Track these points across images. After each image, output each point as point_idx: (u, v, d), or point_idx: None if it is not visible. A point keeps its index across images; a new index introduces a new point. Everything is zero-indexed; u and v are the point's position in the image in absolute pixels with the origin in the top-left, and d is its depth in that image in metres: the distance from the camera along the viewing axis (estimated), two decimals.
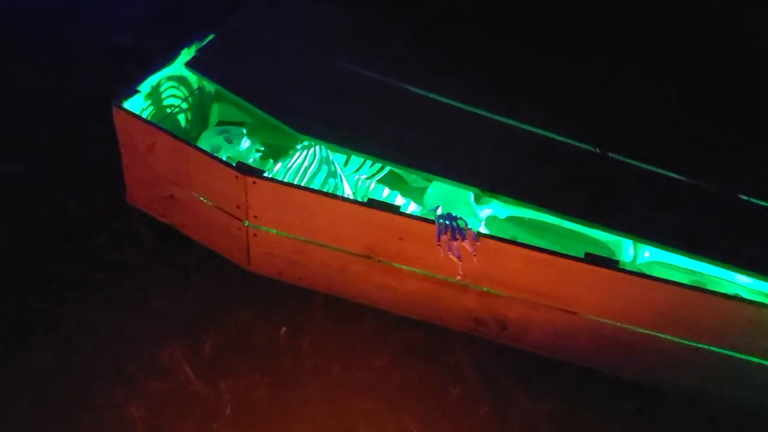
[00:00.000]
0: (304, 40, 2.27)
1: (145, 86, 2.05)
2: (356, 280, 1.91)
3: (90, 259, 2.04)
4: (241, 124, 2.43)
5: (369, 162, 2.15)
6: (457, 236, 1.66)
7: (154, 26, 3.13)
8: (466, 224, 1.68)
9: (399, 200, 2.08)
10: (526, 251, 1.67)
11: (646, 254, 2.03)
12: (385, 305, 1.93)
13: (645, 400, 1.80)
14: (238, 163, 1.82)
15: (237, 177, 1.78)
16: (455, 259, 1.66)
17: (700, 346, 1.69)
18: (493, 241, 1.69)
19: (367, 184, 2.10)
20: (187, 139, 1.89)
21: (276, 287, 2.00)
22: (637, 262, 2.04)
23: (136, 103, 2.00)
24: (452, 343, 1.91)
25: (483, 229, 2.02)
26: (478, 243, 1.66)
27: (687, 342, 1.70)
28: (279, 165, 2.08)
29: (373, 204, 1.75)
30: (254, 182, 1.77)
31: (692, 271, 2.05)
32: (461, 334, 1.92)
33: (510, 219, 2.15)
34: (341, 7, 2.47)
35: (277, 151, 2.32)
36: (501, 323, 1.84)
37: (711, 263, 1.75)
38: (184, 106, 2.31)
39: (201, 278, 2.02)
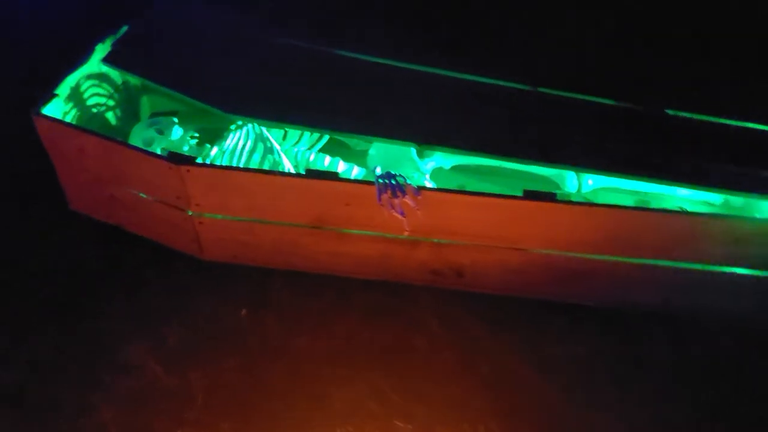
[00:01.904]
0: (222, 18, 2.22)
1: (64, 88, 1.99)
2: (310, 252, 1.91)
3: (41, 272, 2.01)
4: (174, 114, 2.38)
5: (307, 133, 2.13)
6: (398, 193, 1.67)
7: (77, 25, 3.00)
8: (405, 180, 1.69)
9: (341, 166, 2.08)
10: (467, 198, 1.69)
11: (590, 182, 2.07)
12: (342, 272, 1.95)
13: (605, 323, 1.86)
14: (169, 153, 1.79)
15: (170, 168, 1.75)
16: (399, 216, 1.67)
17: (650, 262, 1.74)
18: (434, 193, 1.70)
19: (307, 156, 2.09)
20: (117, 136, 1.85)
21: (232, 271, 2.00)
22: (583, 191, 2.08)
23: (57, 108, 1.94)
24: (413, 298, 1.95)
25: (429, 183, 2.03)
26: (419, 197, 1.68)
27: (637, 260, 1.75)
28: (216, 149, 2.05)
29: (312, 174, 1.75)
30: (188, 170, 1.75)
31: (636, 191, 2.10)
32: (421, 288, 1.95)
33: (456, 168, 2.17)
34: None
35: (214, 135, 2.28)
36: (457, 271, 1.87)
37: (649, 181, 1.79)
38: (111, 103, 2.25)
39: (156, 273, 2.01)
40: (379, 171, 1.85)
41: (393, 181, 1.68)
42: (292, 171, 2.00)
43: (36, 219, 2.16)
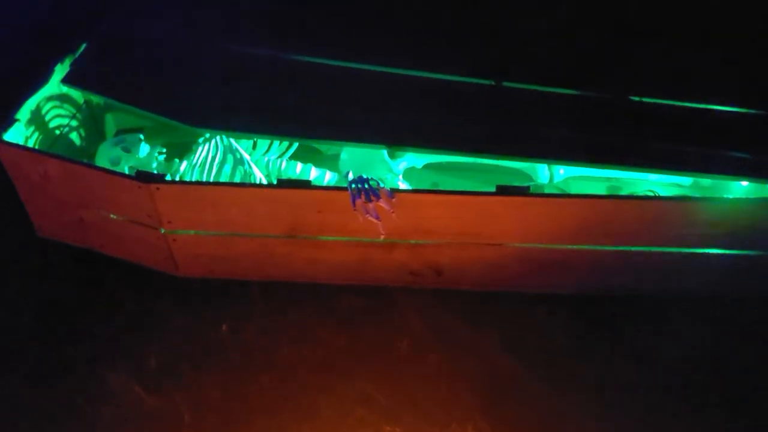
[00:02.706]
0: (181, 30, 2.18)
1: (24, 113, 1.94)
2: (287, 261, 1.90)
3: (14, 303, 1.97)
4: (140, 130, 2.34)
5: (276, 141, 2.11)
6: (372, 197, 1.66)
7: (30, 44, 2.94)
8: (378, 183, 1.69)
9: (314, 173, 2.07)
10: (441, 197, 1.70)
11: (561, 172, 2.09)
12: (321, 278, 1.94)
13: (583, 310, 1.88)
14: (137, 172, 1.76)
15: (139, 187, 1.73)
16: (374, 220, 1.66)
17: (623, 248, 1.76)
18: (408, 194, 1.71)
19: (278, 164, 2.08)
20: (83, 157, 1.81)
21: (210, 286, 1.98)
22: (555, 181, 2.09)
23: (18, 133, 1.90)
24: (394, 300, 1.94)
25: (402, 183, 2.03)
26: (393, 199, 1.67)
27: (611, 248, 1.77)
28: (185, 163, 2.02)
29: (283, 184, 1.73)
30: (158, 188, 1.72)
31: (607, 178, 2.13)
32: (401, 289, 1.95)
33: (428, 166, 2.17)
34: None
35: (182, 149, 2.25)
36: (436, 270, 1.88)
37: (618, 169, 1.82)
38: (74, 123, 2.21)
39: (132, 294, 1.98)
40: (351, 176, 1.84)
41: (366, 186, 1.67)
42: (264, 181, 1.98)
43: (2, 248, 2.11)
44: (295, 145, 2.15)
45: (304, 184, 1.72)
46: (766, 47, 1.93)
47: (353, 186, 1.68)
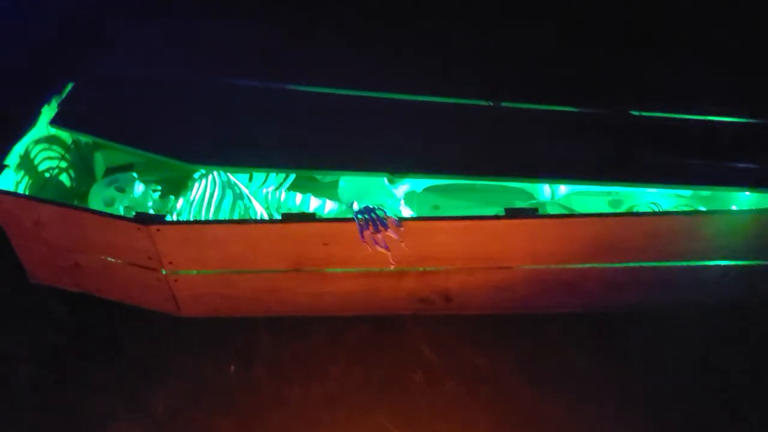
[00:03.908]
0: (169, 64, 2.15)
1: (13, 157, 1.89)
2: (292, 295, 1.86)
3: (10, 353, 1.90)
4: (130, 167, 2.29)
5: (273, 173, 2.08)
6: (380, 227, 1.63)
7: (10, 84, 2.87)
8: (385, 213, 1.66)
9: (314, 202, 2.03)
10: (449, 223, 1.67)
11: (562, 189, 2.08)
12: (328, 311, 1.90)
13: (597, 328, 1.86)
14: (136, 214, 1.71)
15: (139, 229, 1.68)
16: (384, 251, 1.63)
17: (633, 264, 1.75)
18: (415, 222, 1.68)
19: (277, 196, 2.04)
20: (73, 198, 1.76)
21: (214, 325, 1.93)
22: (557, 198, 2.08)
23: (8, 179, 1.84)
24: (404, 328, 1.91)
25: (404, 208, 2.01)
26: (402, 228, 1.64)
27: (620, 264, 1.76)
28: (181, 200, 1.98)
29: (287, 218, 1.70)
30: (158, 230, 1.67)
31: (608, 192, 2.12)
32: (410, 317, 1.92)
33: (428, 189, 2.15)
34: (200, 20, 2.35)
35: (176, 185, 2.20)
36: (445, 296, 1.85)
37: (621, 185, 1.81)
38: (63, 164, 2.15)
39: (133, 338, 1.92)
40: (356, 206, 1.81)
41: (373, 215, 1.64)
42: (265, 215, 1.95)
43: None
44: (293, 175, 2.12)
45: (308, 217, 1.68)
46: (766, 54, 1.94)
47: (360, 217, 1.65)
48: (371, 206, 1.69)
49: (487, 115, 1.95)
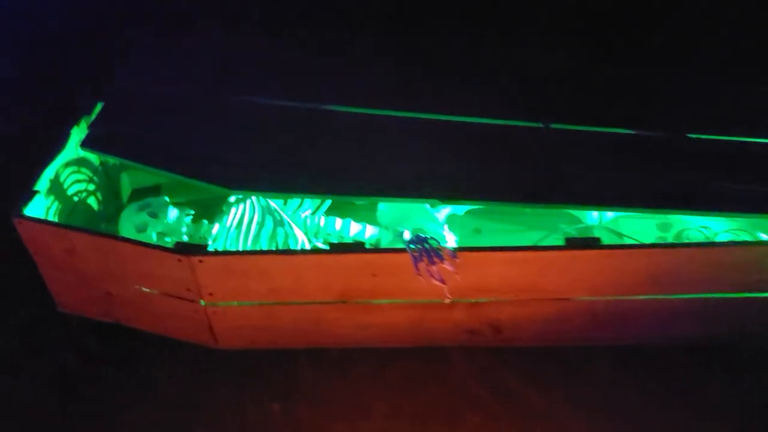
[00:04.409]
0: (199, 82, 2.07)
1: (43, 182, 1.80)
2: (335, 327, 1.78)
3: (38, 385, 1.81)
4: (158, 189, 2.21)
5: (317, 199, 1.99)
6: (435, 259, 1.55)
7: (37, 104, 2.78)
8: (439, 243, 1.58)
9: (354, 227, 1.96)
10: (505, 254, 1.59)
11: (610, 213, 2.00)
12: (370, 343, 1.82)
13: (653, 362, 1.78)
14: (177, 244, 1.63)
15: (180, 260, 1.59)
16: (440, 284, 1.55)
17: (693, 296, 1.67)
18: (471, 253, 1.60)
19: (316, 221, 1.96)
20: (100, 221, 1.67)
21: (251, 357, 1.85)
22: (604, 222, 2.01)
23: (39, 205, 1.76)
24: (450, 360, 1.83)
25: (448, 233, 1.93)
26: (457, 259, 1.56)
27: (679, 296, 1.68)
28: (217, 226, 1.90)
29: (335, 248, 1.62)
30: (201, 261, 1.59)
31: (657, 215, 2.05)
32: (457, 349, 1.84)
33: (470, 212, 2.07)
34: (228, 35, 2.28)
35: (205, 207, 2.13)
36: (495, 327, 1.77)
37: (675, 213, 1.74)
38: (92, 187, 2.07)
39: (167, 371, 1.84)
40: (407, 236, 1.73)
41: (427, 246, 1.56)
42: (306, 242, 1.86)
43: (22, 327, 1.95)
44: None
45: (357, 248, 1.61)
46: None
47: (413, 247, 1.57)
48: (423, 235, 1.61)
49: (538, 137, 1.87)
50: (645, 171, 1.76)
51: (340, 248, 1.61)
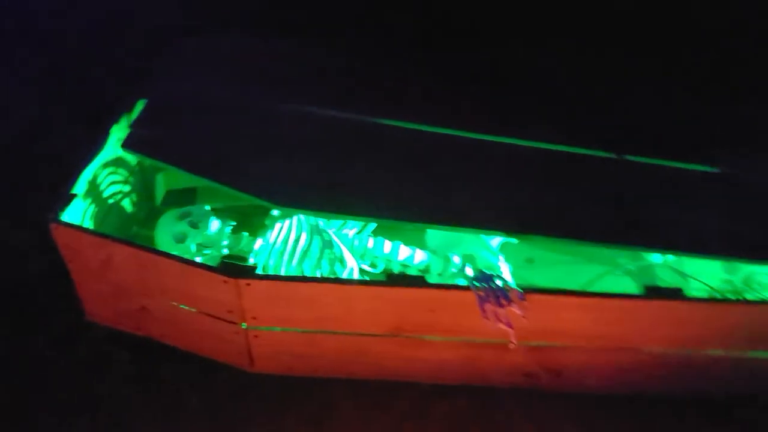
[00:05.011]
0: (247, 85, 1.95)
1: (81, 184, 1.69)
2: (381, 359, 1.66)
3: (61, 402, 1.70)
4: (193, 191, 2.10)
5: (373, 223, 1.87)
6: (502, 300, 1.42)
7: (58, 97, 2.67)
8: (507, 283, 1.45)
9: (404, 251, 1.83)
10: (578, 299, 1.47)
11: None
12: (415, 377, 1.70)
13: (726, 415, 1.66)
14: (223, 263, 1.51)
15: (225, 281, 1.48)
16: (506, 328, 1.43)
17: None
18: (539, 295, 1.47)
19: (364, 241, 1.84)
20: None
21: (288, 383, 1.73)
22: (670, 259, 1.88)
23: (76, 210, 1.65)
24: (502, 403, 1.71)
25: (503, 263, 1.80)
26: (526, 302, 1.44)
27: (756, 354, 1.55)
28: (260, 241, 1.78)
29: (394, 281, 1.50)
30: (248, 284, 1.47)
31: None
32: (509, 390, 1.72)
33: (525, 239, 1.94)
34: (280, 37, 2.16)
35: (246, 216, 2.01)
36: (554, 372, 1.64)
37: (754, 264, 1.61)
38: (127, 188, 1.96)
39: (199, 393, 1.73)
40: (469, 271, 1.61)
41: (493, 285, 1.44)
42: (355, 268, 1.74)
43: (46, 334, 1.84)
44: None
45: (416, 282, 1.48)
46: None
47: (477, 285, 1.44)
48: (488, 273, 1.48)
49: (610, 168, 1.74)
50: (730, 213, 1.63)
51: (397, 281, 1.49)
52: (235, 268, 1.49)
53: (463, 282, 1.63)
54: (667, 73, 2.00)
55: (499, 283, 1.45)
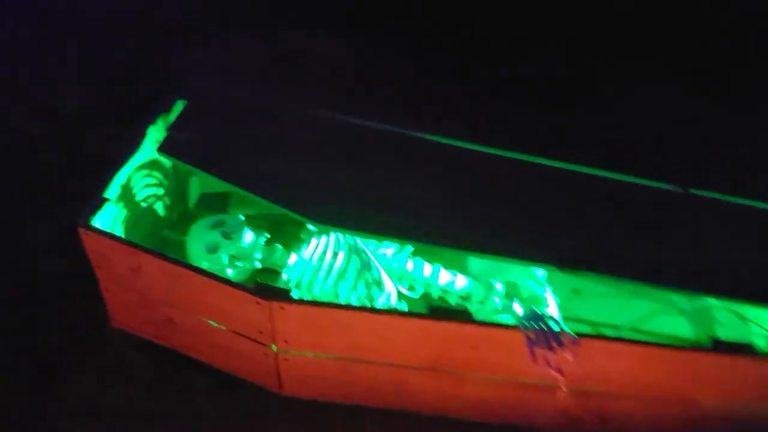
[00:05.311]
0: (291, 91, 1.87)
1: (114, 188, 1.63)
2: (418, 392, 1.57)
3: (79, 406, 1.65)
4: (227, 196, 2.02)
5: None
6: (553, 344, 1.32)
7: (93, 82, 2.62)
8: (560, 325, 1.35)
9: (444, 276, 1.73)
10: (638, 348, 1.36)
11: None
12: (452, 413, 1.60)
13: None
14: (257, 284, 1.43)
15: (259, 303, 1.39)
16: (556, 375, 1.32)
17: None
18: (593, 341, 1.36)
19: (403, 263, 1.74)
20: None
21: (317, 409, 1.65)
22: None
23: (108, 215, 1.58)
24: None
25: (550, 296, 1.69)
26: (579, 347, 1.33)
27: None
28: (294, 256, 1.70)
29: (436, 315, 1.40)
30: (282, 308, 1.39)
31: None
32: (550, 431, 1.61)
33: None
34: (334, 39, 2.07)
35: (279, 225, 1.92)
36: (601, 418, 1.53)
37: None
38: (160, 191, 1.89)
39: (221, 409, 1.65)
40: (518, 308, 1.51)
41: (544, 326, 1.33)
42: (394, 293, 1.65)
43: (68, 335, 1.79)
44: None
45: (460, 316, 1.38)
46: None
47: (528, 326, 1.34)
48: (538, 311, 1.37)
49: (675, 203, 1.62)
50: None
51: (439, 314, 1.39)
52: (269, 289, 1.41)
53: (509, 318, 1.53)
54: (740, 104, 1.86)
55: (550, 324, 1.34)
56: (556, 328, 1.34)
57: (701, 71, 2.29)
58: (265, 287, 1.42)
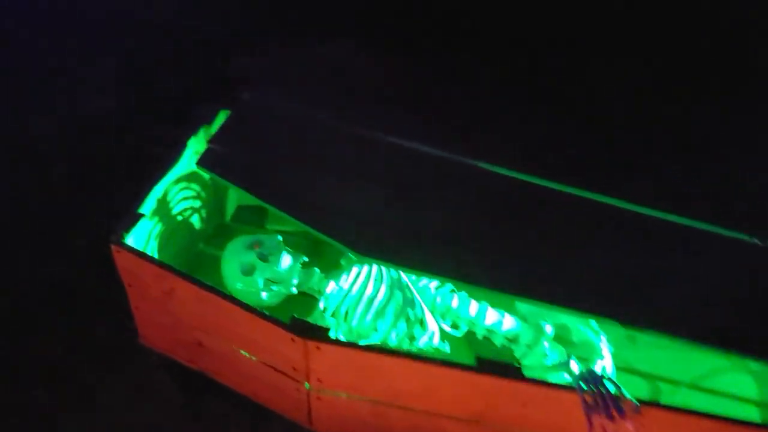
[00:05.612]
0: (338, 109, 1.77)
1: (150, 201, 1.55)
2: None
3: (105, 424, 1.58)
4: (264, 211, 1.94)
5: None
6: (613, 412, 1.19)
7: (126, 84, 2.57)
8: (620, 389, 1.22)
9: (491, 316, 1.61)
10: (708, 423, 1.22)
11: None
12: None
13: None
14: (294, 321, 1.34)
15: (294, 340, 1.30)
16: None
17: None
18: (657, 410, 1.23)
19: (448, 301, 1.62)
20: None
21: None
22: None
23: (142, 231, 1.51)
24: None
25: (603, 341, 1.56)
26: (640, 414, 1.20)
27: None
28: (332, 284, 1.60)
29: (484, 368, 1.28)
30: (318, 348, 1.29)
31: None
32: None
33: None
34: (381, 56, 1.96)
35: (317, 244, 1.84)
36: None
37: None
38: (197, 204, 1.82)
39: None
40: (575, 367, 1.38)
41: (602, 390, 1.21)
42: (437, 334, 1.54)
43: (94, 349, 1.73)
44: None
45: (510, 372, 1.27)
46: None
47: (584, 389, 1.22)
48: (596, 373, 1.25)
49: (747, 254, 1.47)
50: None
51: (488, 368, 1.28)
52: (306, 327, 1.32)
53: (563, 376, 1.41)
54: None
55: (610, 388, 1.22)
56: (616, 393, 1.22)
57: None
58: (301, 324, 1.32)
